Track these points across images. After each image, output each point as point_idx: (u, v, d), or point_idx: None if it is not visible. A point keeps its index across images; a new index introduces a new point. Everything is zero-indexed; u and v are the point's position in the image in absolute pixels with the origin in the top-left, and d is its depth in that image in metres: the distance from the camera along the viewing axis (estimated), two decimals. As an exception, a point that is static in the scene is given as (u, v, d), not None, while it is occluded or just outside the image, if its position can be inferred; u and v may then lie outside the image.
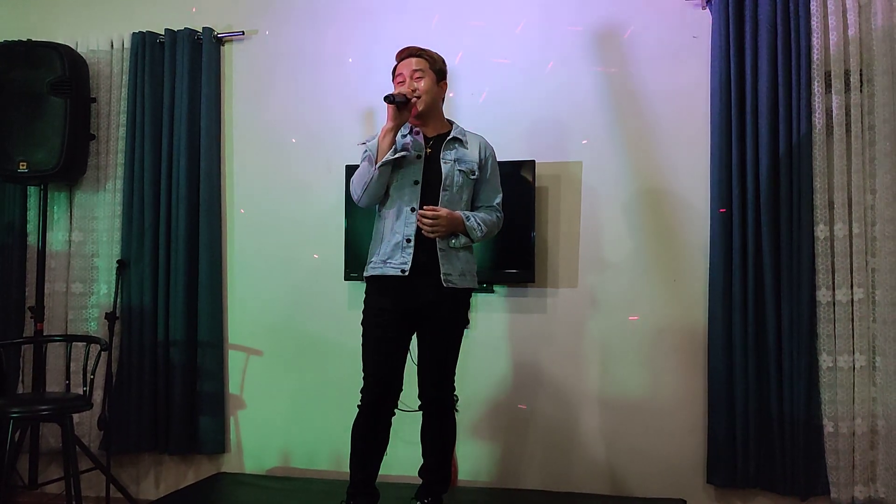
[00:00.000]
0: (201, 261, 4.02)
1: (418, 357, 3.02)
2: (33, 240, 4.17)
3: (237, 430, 4.07)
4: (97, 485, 4.02)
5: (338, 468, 3.77)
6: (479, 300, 3.74)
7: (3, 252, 4.21)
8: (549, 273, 3.72)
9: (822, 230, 3.35)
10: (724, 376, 3.44)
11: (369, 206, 3.01)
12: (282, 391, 4.01)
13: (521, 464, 3.73)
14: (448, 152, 2.99)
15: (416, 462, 3.13)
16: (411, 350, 3.02)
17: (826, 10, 3.37)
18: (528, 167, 3.63)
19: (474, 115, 3.66)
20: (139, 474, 4.14)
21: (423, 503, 3.08)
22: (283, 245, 4.03)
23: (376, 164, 2.88)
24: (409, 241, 2.91)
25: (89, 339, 3.70)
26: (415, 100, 2.93)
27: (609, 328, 3.66)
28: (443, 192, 2.94)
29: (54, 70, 3.90)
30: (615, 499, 3.54)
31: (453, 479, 3.63)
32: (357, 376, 2.99)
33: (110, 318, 3.91)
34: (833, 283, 3.35)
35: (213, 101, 4.07)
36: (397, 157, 2.91)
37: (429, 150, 2.99)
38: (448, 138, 3.02)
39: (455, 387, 3.07)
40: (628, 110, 3.67)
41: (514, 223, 3.37)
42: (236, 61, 4.14)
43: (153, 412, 4.03)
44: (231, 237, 4.12)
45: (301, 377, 3.99)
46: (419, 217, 2.88)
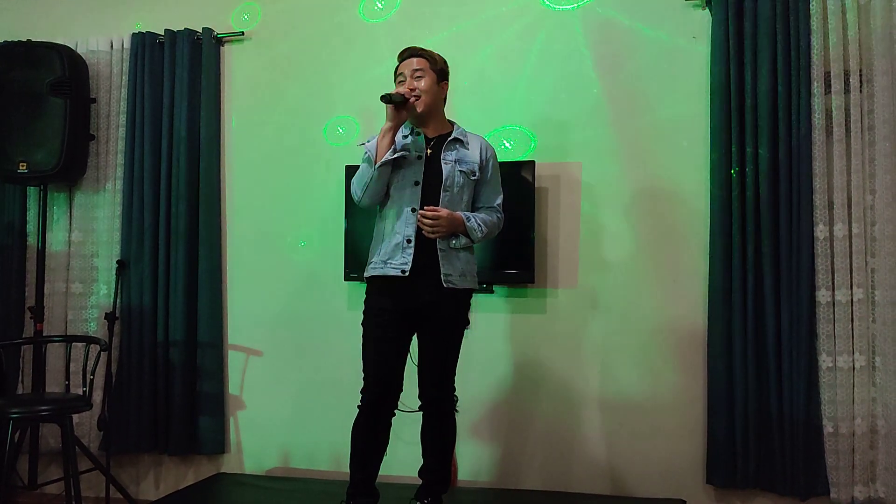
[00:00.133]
0: (201, 261, 4.03)
1: (418, 357, 3.02)
2: (33, 240, 4.17)
3: (237, 431, 4.07)
4: (97, 485, 4.03)
5: (338, 468, 3.77)
6: (479, 300, 3.73)
7: (3, 252, 4.21)
8: (548, 273, 3.72)
9: (821, 230, 3.35)
10: (723, 376, 3.44)
11: (370, 206, 3.01)
12: (282, 391, 4.01)
13: (521, 464, 3.73)
14: (449, 153, 2.99)
15: (416, 462, 3.13)
16: (411, 350, 3.02)
17: (826, 11, 3.37)
18: (528, 168, 3.63)
19: (474, 114, 3.66)
20: (139, 475, 4.14)
21: (423, 503, 3.08)
22: (283, 245, 4.04)
23: (375, 164, 2.88)
24: (409, 241, 2.90)
25: (89, 340, 3.69)
26: (413, 99, 2.92)
27: (609, 328, 3.66)
28: (443, 193, 2.94)
29: (54, 70, 3.90)
30: (615, 499, 3.54)
31: (453, 480, 3.63)
32: (357, 376, 2.98)
33: (110, 318, 3.90)
34: (833, 283, 3.35)
35: (213, 102, 4.08)
36: (396, 156, 2.91)
37: (429, 151, 2.99)
38: (449, 139, 3.01)
39: (455, 387, 3.07)
40: (628, 111, 3.68)
41: (514, 223, 3.36)
42: (236, 61, 4.14)
43: (153, 412, 4.03)
44: (231, 237, 4.12)
45: (301, 377, 3.98)
46: (420, 217, 2.88)
